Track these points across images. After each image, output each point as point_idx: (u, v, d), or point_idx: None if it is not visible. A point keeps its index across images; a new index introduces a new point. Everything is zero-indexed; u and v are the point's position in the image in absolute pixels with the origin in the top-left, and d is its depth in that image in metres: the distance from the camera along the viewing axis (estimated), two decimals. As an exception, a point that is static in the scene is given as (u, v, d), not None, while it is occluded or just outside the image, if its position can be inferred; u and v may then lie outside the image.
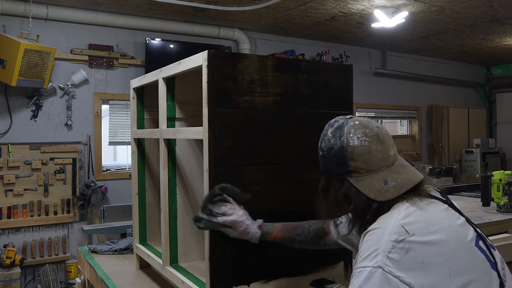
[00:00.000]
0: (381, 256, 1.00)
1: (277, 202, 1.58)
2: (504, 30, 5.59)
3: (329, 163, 1.18)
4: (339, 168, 1.15)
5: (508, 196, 3.29)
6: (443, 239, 1.03)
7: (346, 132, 1.15)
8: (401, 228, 1.03)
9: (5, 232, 4.21)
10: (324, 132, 1.22)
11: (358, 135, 1.14)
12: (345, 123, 1.18)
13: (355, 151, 1.13)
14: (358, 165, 1.13)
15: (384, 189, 1.11)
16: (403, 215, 1.06)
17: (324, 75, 1.70)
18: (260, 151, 1.54)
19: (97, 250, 2.56)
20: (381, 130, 1.17)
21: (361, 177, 1.13)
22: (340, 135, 1.16)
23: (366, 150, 1.13)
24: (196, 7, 4.47)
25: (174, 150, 1.93)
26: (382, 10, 4.58)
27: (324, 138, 1.21)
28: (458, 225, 1.08)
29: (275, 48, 5.76)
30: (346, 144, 1.14)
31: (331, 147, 1.17)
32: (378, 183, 1.11)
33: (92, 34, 4.64)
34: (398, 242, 1.00)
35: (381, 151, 1.14)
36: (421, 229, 1.03)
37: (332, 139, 1.17)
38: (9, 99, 4.26)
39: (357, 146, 1.13)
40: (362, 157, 1.13)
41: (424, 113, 7.46)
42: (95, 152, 4.66)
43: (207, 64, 1.44)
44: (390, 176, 1.12)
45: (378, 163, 1.13)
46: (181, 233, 1.94)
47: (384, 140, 1.16)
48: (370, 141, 1.13)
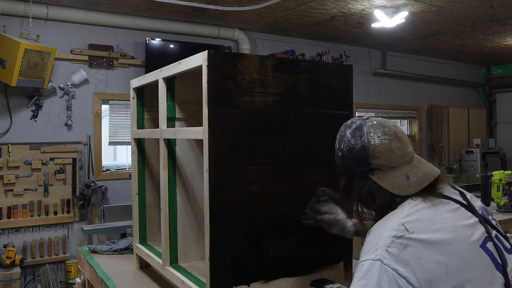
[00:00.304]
0: (380, 250, 1.04)
1: (277, 202, 1.58)
2: (504, 30, 5.59)
3: (351, 163, 1.22)
4: (361, 167, 1.19)
5: (508, 196, 3.29)
6: (443, 238, 1.05)
7: (366, 132, 1.20)
8: (401, 225, 1.07)
9: (5, 232, 4.21)
10: (341, 134, 1.26)
11: (378, 134, 1.19)
12: (363, 124, 1.22)
13: (376, 149, 1.17)
14: (380, 163, 1.17)
15: (407, 184, 1.15)
16: (406, 214, 1.10)
17: (324, 75, 1.70)
18: (260, 151, 1.54)
19: (97, 250, 2.56)
20: (398, 129, 1.22)
21: (383, 174, 1.17)
22: (361, 135, 1.20)
23: (387, 148, 1.17)
24: (196, 7, 4.47)
25: (174, 150, 1.93)
26: (382, 10, 4.58)
27: (342, 139, 1.24)
28: (462, 226, 1.10)
29: (275, 48, 5.76)
30: (368, 143, 1.18)
31: (352, 147, 1.20)
32: (400, 179, 1.16)
33: (92, 34, 4.64)
34: (397, 237, 1.05)
35: (401, 148, 1.19)
36: (421, 228, 1.06)
37: (352, 139, 1.21)
38: (9, 99, 4.26)
39: (378, 144, 1.18)
40: (383, 155, 1.17)
41: (424, 113, 7.46)
42: (95, 152, 4.66)
43: (207, 64, 1.44)
44: (411, 171, 1.17)
45: (399, 160, 1.18)
46: (181, 233, 1.94)
47: (402, 138, 1.21)
48: (390, 139, 1.18)
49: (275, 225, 1.57)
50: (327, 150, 1.68)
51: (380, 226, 1.11)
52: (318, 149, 1.67)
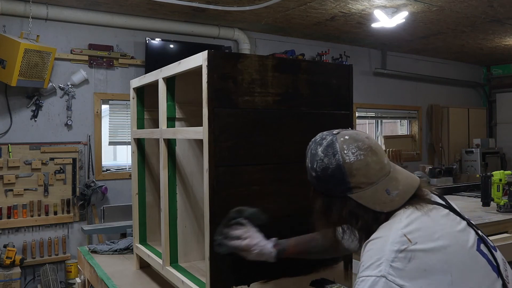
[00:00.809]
0: (384, 265, 1.00)
1: (277, 202, 1.58)
2: (504, 30, 5.59)
3: (326, 183, 1.15)
4: (338, 187, 1.12)
5: (508, 196, 3.29)
6: (445, 246, 1.03)
7: (340, 149, 1.12)
8: (403, 237, 1.02)
9: (5, 232, 4.21)
10: (312, 152, 1.18)
11: (353, 150, 1.11)
12: (334, 140, 1.14)
13: (353, 166, 1.10)
14: (359, 180, 1.10)
15: (389, 199, 1.10)
16: (405, 224, 1.06)
17: (324, 75, 1.70)
18: (260, 151, 1.54)
19: (97, 250, 2.56)
20: (371, 141, 1.16)
21: (363, 192, 1.10)
22: (334, 152, 1.12)
23: (364, 163, 1.11)
24: (196, 7, 4.47)
25: (174, 150, 1.93)
26: (382, 10, 4.58)
27: (314, 159, 1.16)
28: (459, 231, 1.08)
29: (275, 48, 5.76)
30: (343, 161, 1.11)
31: (326, 167, 1.13)
32: (381, 195, 1.10)
33: (92, 34, 4.64)
34: (400, 251, 1.01)
35: (377, 162, 1.12)
36: (423, 237, 1.03)
37: (325, 158, 1.13)
38: (9, 99, 4.26)
39: (354, 161, 1.10)
40: (360, 171, 1.10)
41: (424, 113, 7.46)
42: (95, 152, 4.66)
43: (207, 64, 1.44)
44: (391, 184, 1.11)
45: (377, 174, 1.11)
46: (181, 233, 1.94)
47: (377, 150, 1.14)
48: (365, 154, 1.11)
49: (275, 225, 1.57)
50: (327, 150, 1.68)
51: (380, 238, 1.06)
52: (318, 149, 1.66)
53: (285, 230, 1.59)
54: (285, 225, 1.59)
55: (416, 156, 7.29)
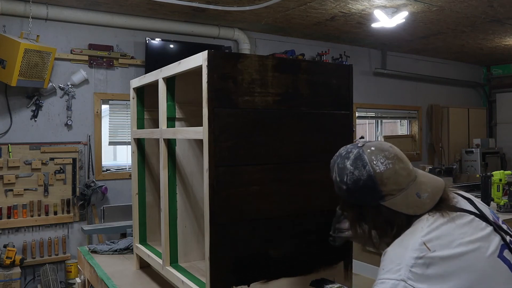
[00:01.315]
0: (404, 270, 1.05)
1: (277, 202, 1.58)
2: (504, 30, 5.59)
3: (359, 194, 1.19)
4: (371, 197, 1.17)
5: (508, 196, 3.29)
6: (462, 253, 1.06)
7: (369, 160, 1.17)
8: (423, 245, 1.07)
9: (5, 232, 4.21)
10: (339, 166, 1.23)
11: (381, 160, 1.17)
12: (362, 152, 1.20)
13: (383, 176, 1.16)
14: (390, 188, 1.15)
15: (420, 202, 1.15)
16: (426, 232, 1.10)
17: (324, 75, 1.70)
18: (260, 151, 1.54)
19: (97, 250, 2.56)
20: (396, 149, 1.22)
21: (395, 198, 1.15)
22: (363, 164, 1.17)
23: (393, 171, 1.16)
24: (196, 7, 4.47)
25: (174, 150, 1.93)
26: (382, 10, 4.58)
27: (344, 172, 1.21)
28: (480, 238, 1.11)
29: (275, 48, 5.76)
30: (374, 172, 1.16)
31: (358, 179, 1.17)
32: (412, 198, 1.15)
33: (92, 34, 4.64)
34: (419, 258, 1.05)
35: (404, 168, 1.18)
36: (442, 245, 1.07)
37: (355, 171, 1.18)
38: (9, 99, 4.26)
39: (384, 171, 1.16)
40: (391, 180, 1.15)
41: (424, 113, 7.46)
42: (95, 152, 4.66)
43: (207, 64, 1.44)
44: (420, 188, 1.16)
45: (406, 180, 1.17)
46: (181, 233, 1.94)
47: (403, 157, 1.20)
48: (393, 162, 1.17)
49: (275, 225, 1.57)
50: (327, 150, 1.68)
51: (401, 245, 1.11)
52: (318, 149, 1.67)
53: (285, 230, 1.59)
54: (285, 225, 1.59)
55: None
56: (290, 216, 1.60)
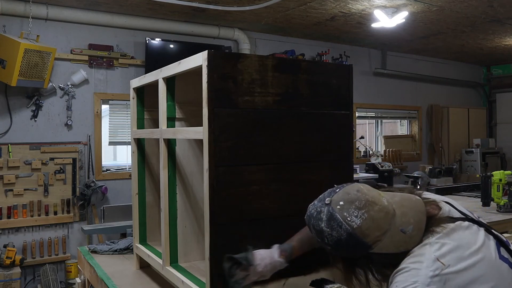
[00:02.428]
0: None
1: (277, 202, 1.58)
2: (504, 30, 5.59)
3: (344, 251, 1.16)
4: (357, 250, 1.14)
5: (508, 196, 3.29)
6: (474, 263, 1.07)
7: (342, 218, 1.12)
8: (436, 261, 1.06)
9: (5, 232, 4.21)
10: (316, 229, 1.17)
11: (355, 214, 1.12)
12: (331, 211, 1.14)
13: (363, 228, 1.11)
14: (374, 236, 1.11)
15: (408, 237, 1.12)
16: (437, 247, 1.09)
17: (324, 75, 1.70)
18: (260, 151, 1.54)
19: (97, 250, 2.56)
20: (363, 193, 1.15)
21: (382, 243, 1.12)
22: (339, 224, 1.12)
23: (370, 220, 1.11)
24: (196, 7, 4.47)
25: (174, 150, 1.93)
26: (382, 10, 4.57)
27: (323, 235, 1.16)
28: (482, 244, 1.12)
29: (275, 48, 5.76)
30: (352, 229, 1.11)
31: (338, 239, 1.13)
32: (399, 237, 1.12)
33: (92, 34, 4.64)
34: (435, 276, 1.04)
35: (381, 210, 1.13)
36: (455, 259, 1.07)
37: (333, 232, 1.13)
38: (9, 99, 4.26)
39: (361, 224, 1.11)
40: (372, 228, 1.11)
41: (424, 113, 7.46)
42: (95, 152, 4.66)
43: (207, 64, 1.44)
44: (402, 222, 1.12)
45: (386, 222, 1.12)
46: (181, 233, 1.94)
47: (374, 199, 1.14)
48: (367, 210, 1.12)
49: (275, 225, 1.57)
50: (327, 150, 1.68)
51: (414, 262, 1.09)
52: (318, 149, 1.67)
53: (285, 230, 1.59)
54: (285, 225, 1.59)
55: (416, 156, 7.29)
56: (290, 216, 1.60)
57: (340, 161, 1.70)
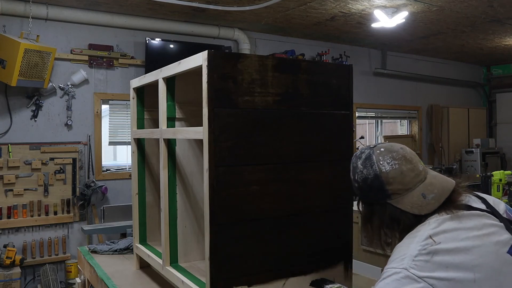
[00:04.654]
0: (407, 260, 1.08)
1: (277, 202, 1.58)
2: (504, 30, 5.59)
3: (368, 192, 1.25)
4: (378, 194, 1.22)
5: (508, 196, 3.29)
6: (469, 247, 1.08)
7: (376, 160, 1.24)
8: (428, 237, 1.11)
9: (5, 232, 4.21)
10: (353, 165, 1.30)
11: (388, 161, 1.23)
12: (371, 153, 1.26)
13: (389, 175, 1.21)
14: (396, 187, 1.20)
15: (425, 202, 1.18)
16: (433, 226, 1.13)
17: (324, 75, 1.70)
18: (260, 151, 1.54)
19: (97, 250, 2.56)
20: (405, 151, 1.27)
21: (401, 197, 1.20)
22: (371, 164, 1.24)
23: (399, 171, 1.21)
24: (196, 7, 4.47)
25: (174, 150, 1.93)
26: (382, 10, 4.58)
27: (355, 171, 1.28)
28: (487, 234, 1.12)
29: (275, 48, 5.76)
30: (379, 171, 1.22)
31: (366, 178, 1.24)
32: (417, 199, 1.19)
33: (92, 34, 4.64)
34: (424, 249, 1.09)
35: (412, 169, 1.22)
36: (448, 238, 1.10)
37: (364, 170, 1.25)
38: (9, 99, 4.26)
39: (389, 170, 1.21)
40: (397, 179, 1.20)
41: (424, 113, 7.46)
42: (95, 152, 4.66)
43: (207, 64, 1.44)
44: (427, 189, 1.20)
45: (413, 181, 1.20)
46: (181, 233, 1.94)
47: (412, 159, 1.25)
48: (400, 163, 1.22)
49: (275, 225, 1.57)
50: (327, 150, 1.69)
51: (408, 238, 1.15)
52: (318, 149, 1.67)
53: (285, 230, 1.59)
54: (285, 225, 1.59)
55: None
56: (290, 216, 1.60)
57: (340, 161, 1.70)
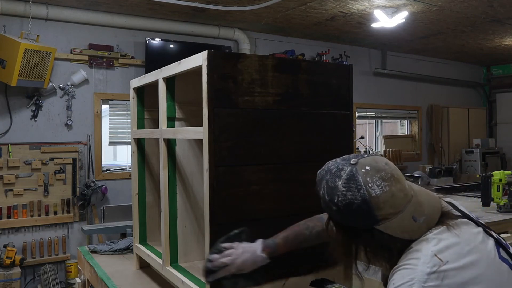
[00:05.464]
0: (416, 286, 1.00)
1: (277, 202, 1.58)
2: (504, 30, 5.59)
3: (351, 218, 1.09)
4: (365, 221, 1.08)
5: (508, 196, 3.29)
6: (474, 261, 1.04)
7: (363, 182, 1.06)
8: (434, 257, 1.02)
9: (5, 232, 4.21)
10: (330, 185, 1.11)
11: (377, 183, 1.06)
12: (355, 172, 1.08)
13: (380, 200, 1.05)
14: (386, 212, 1.06)
15: (416, 226, 1.07)
16: (434, 243, 1.05)
17: (324, 75, 1.70)
18: (260, 151, 1.54)
19: (97, 250, 2.56)
20: (391, 167, 1.11)
21: (390, 222, 1.07)
22: (358, 187, 1.06)
23: (389, 194, 1.06)
24: (196, 7, 4.47)
25: (174, 150, 1.93)
26: (382, 10, 4.57)
27: (335, 193, 1.09)
28: (481, 242, 1.09)
29: (275, 48, 5.76)
30: (369, 196, 1.05)
31: (350, 202, 1.06)
32: (408, 223, 1.07)
33: (92, 34, 4.64)
34: (432, 272, 1.01)
35: (401, 189, 1.08)
36: (454, 255, 1.03)
37: (348, 193, 1.07)
38: (9, 99, 4.26)
39: (380, 194, 1.05)
40: (388, 203, 1.06)
41: (424, 113, 7.46)
42: (95, 152, 4.66)
43: (207, 64, 1.44)
44: (416, 210, 1.08)
45: (402, 202, 1.07)
46: (181, 233, 1.94)
47: (399, 177, 1.10)
48: (390, 184, 1.06)
49: (275, 225, 1.57)
50: (327, 150, 1.68)
51: (410, 259, 1.05)
52: (318, 149, 1.67)
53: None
54: (285, 225, 1.59)
55: (416, 156, 7.29)
56: (290, 216, 1.59)
57: (340, 161, 1.69)
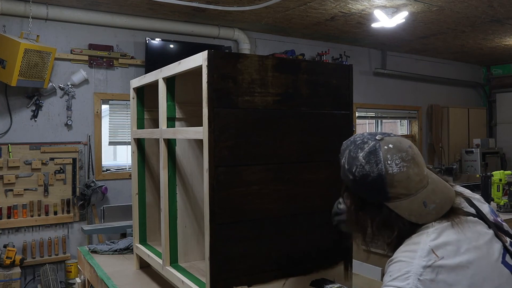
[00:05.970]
0: (412, 279, 1.02)
1: (277, 202, 1.58)
2: (504, 30, 5.59)
3: (364, 189, 1.12)
4: (376, 195, 1.11)
5: (508, 196, 3.29)
6: (470, 261, 1.04)
7: (383, 158, 1.09)
8: (431, 252, 1.04)
9: (5, 232, 4.21)
10: (351, 154, 1.14)
11: (396, 161, 1.09)
12: (378, 148, 1.11)
13: (394, 178, 1.08)
14: (398, 191, 1.08)
15: (425, 212, 1.09)
16: (433, 237, 1.06)
17: (324, 75, 1.70)
18: (260, 151, 1.54)
19: (97, 250, 2.56)
20: (414, 151, 1.13)
21: (400, 202, 1.09)
22: (377, 161, 1.09)
23: (405, 176, 1.08)
24: (196, 7, 4.47)
25: (174, 150, 1.93)
26: (382, 10, 4.57)
27: (354, 163, 1.12)
28: (485, 243, 1.09)
29: (275, 48, 5.76)
30: (385, 172, 1.08)
31: (367, 174, 1.10)
32: (418, 207, 1.09)
33: (92, 34, 4.64)
34: (428, 266, 1.02)
35: (418, 174, 1.10)
36: (450, 252, 1.04)
37: (366, 165, 1.10)
38: (9, 99, 4.26)
39: (396, 173, 1.08)
40: (401, 183, 1.08)
41: (424, 113, 7.46)
42: (95, 152, 4.66)
43: (207, 64, 1.44)
44: (429, 197, 1.09)
45: (416, 186, 1.09)
46: (181, 233, 1.94)
47: (419, 162, 1.12)
48: (408, 166, 1.09)
49: (275, 225, 1.57)
50: (327, 150, 1.68)
51: (407, 251, 1.07)
52: (318, 149, 1.67)
53: (285, 230, 1.59)
54: (285, 225, 1.59)
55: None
56: (290, 216, 1.60)
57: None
